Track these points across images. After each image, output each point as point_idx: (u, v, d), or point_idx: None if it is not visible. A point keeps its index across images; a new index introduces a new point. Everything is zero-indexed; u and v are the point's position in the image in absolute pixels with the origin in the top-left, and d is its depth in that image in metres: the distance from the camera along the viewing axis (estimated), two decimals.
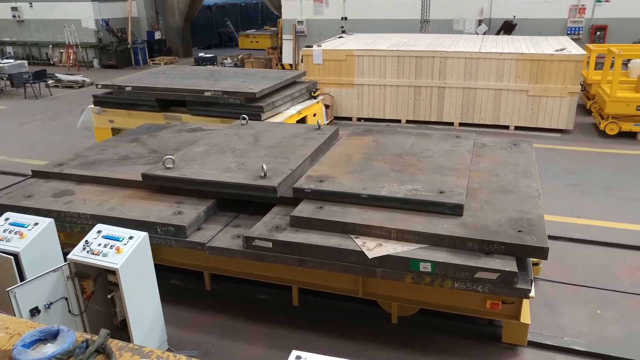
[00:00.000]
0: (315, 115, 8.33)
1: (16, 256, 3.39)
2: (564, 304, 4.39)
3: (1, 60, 16.01)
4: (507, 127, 9.55)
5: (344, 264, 3.68)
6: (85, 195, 4.68)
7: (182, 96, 7.58)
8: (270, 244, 3.82)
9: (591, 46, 10.84)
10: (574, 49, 9.35)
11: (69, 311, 3.44)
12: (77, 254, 3.35)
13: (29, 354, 1.98)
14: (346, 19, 15.38)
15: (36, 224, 3.56)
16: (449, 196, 3.85)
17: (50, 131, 10.43)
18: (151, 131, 6.24)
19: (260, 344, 4.08)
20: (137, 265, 3.40)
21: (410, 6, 14.26)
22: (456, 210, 3.77)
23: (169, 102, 7.87)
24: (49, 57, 19.51)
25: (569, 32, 13.53)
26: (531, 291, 3.39)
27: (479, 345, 3.96)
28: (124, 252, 3.30)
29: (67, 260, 3.37)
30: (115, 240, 3.38)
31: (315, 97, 8.38)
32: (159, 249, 4.57)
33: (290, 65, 16.00)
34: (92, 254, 3.32)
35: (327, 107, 9.73)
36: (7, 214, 3.67)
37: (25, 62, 15.65)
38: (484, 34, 13.45)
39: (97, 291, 3.53)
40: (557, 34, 12.55)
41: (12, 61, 15.19)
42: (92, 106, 8.54)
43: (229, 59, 16.51)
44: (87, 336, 2.41)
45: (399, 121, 10.16)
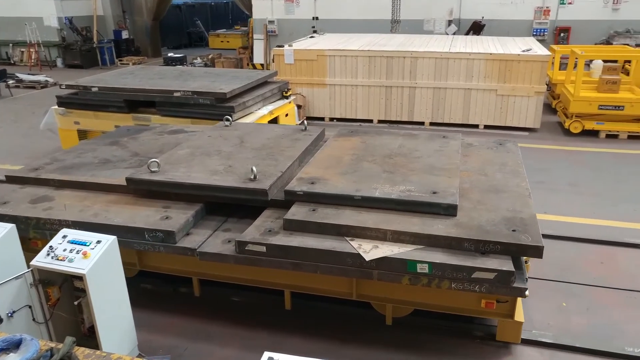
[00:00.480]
0: (287, 115, 8.29)
1: None
2: (531, 298, 4.47)
3: None
4: (476, 126, 9.71)
5: (340, 266, 3.62)
6: (65, 201, 4.49)
7: (151, 97, 7.44)
8: (264, 248, 3.73)
9: (555, 47, 11.12)
10: (539, 50, 9.58)
11: (33, 319, 3.32)
12: (41, 260, 3.23)
13: None
14: (317, 18, 15.39)
15: None
16: (442, 197, 3.85)
17: (11, 133, 10.09)
18: (131, 133, 6.05)
19: (234, 346, 4.03)
20: (106, 270, 3.30)
21: (380, 6, 14.36)
22: (450, 210, 3.77)
23: (137, 103, 7.71)
24: (9, 57, 18.90)
25: (534, 33, 13.87)
26: (527, 290, 3.41)
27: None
28: (91, 256, 3.19)
29: (30, 266, 3.25)
30: (81, 244, 3.27)
31: (287, 97, 8.35)
32: (144, 255, 4.49)
33: (261, 65, 15.92)
34: (57, 259, 3.20)
35: (299, 107, 9.71)
36: None
37: None
38: (454, 34, 13.66)
39: (63, 298, 3.42)
40: (524, 35, 12.84)
41: None
42: (56, 107, 8.31)
43: (199, 59, 16.31)
44: (52, 345, 2.33)
45: (371, 121, 10.21)
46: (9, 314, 3.13)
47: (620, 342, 3.94)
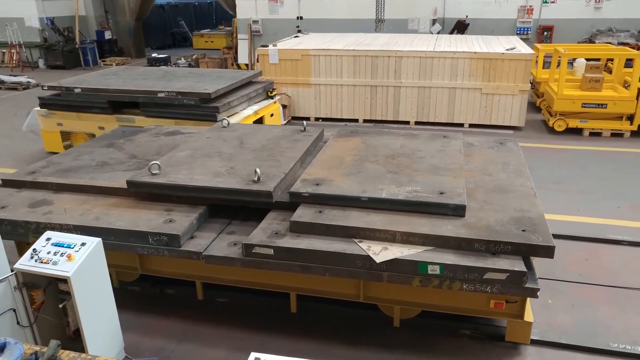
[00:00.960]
0: (272, 115, 8.27)
1: None
2: None
3: None
4: (461, 125, 9.77)
5: (350, 269, 3.58)
6: (64, 204, 4.39)
7: (135, 97, 7.38)
8: (271, 251, 3.67)
9: (539, 46, 11.25)
10: (523, 49, 9.68)
11: (18, 323, 3.27)
12: (25, 263, 3.18)
13: None
14: (302, 18, 15.37)
15: None
16: (450, 197, 3.83)
17: None
18: (127, 135, 5.95)
19: (221, 347, 4.00)
20: (91, 272, 3.26)
21: (365, 6, 14.39)
22: (458, 211, 3.75)
23: (121, 103, 7.64)
24: None
25: (518, 31, 14.01)
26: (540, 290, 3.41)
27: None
28: (76, 259, 3.15)
29: (13, 270, 3.19)
30: (66, 247, 3.22)
31: (272, 97, 8.33)
32: (146, 259, 4.42)
33: (246, 65, 15.86)
34: (41, 262, 3.15)
35: (284, 107, 9.69)
36: None
37: None
38: (438, 33, 13.74)
39: (48, 301, 3.36)
40: (508, 34, 12.97)
41: None
42: (38, 109, 8.20)
43: (183, 59, 16.18)
44: (37, 348, 2.29)
45: (357, 120, 10.22)
46: None
47: (604, 338, 3.99)
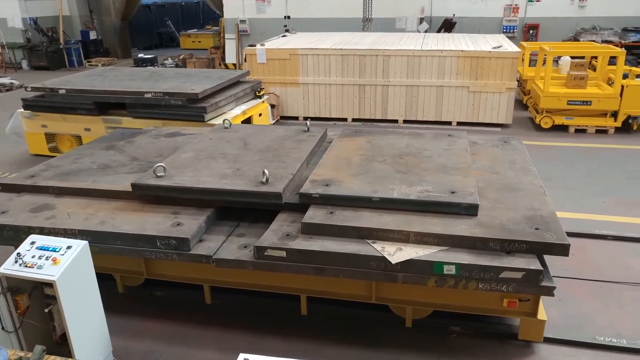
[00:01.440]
0: (260, 115, 8.25)
1: None
2: None
3: None
4: (449, 123, 9.81)
5: (364, 270, 3.55)
6: (67, 208, 4.29)
7: (121, 98, 7.31)
8: (284, 253, 3.62)
9: (525, 44, 11.34)
10: (509, 47, 9.74)
11: (2, 328, 3.21)
12: (9, 267, 3.13)
13: None
14: (289, 17, 15.35)
15: None
16: (461, 196, 3.81)
17: None
18: (126, 137, 5.86)
19: (211, 348, 3.98)
20: (77, 276, 3.21)
21: (352, 5, 14.41)
22: (471, 210, 3.74)
23: (107, 105, 7.57)
24: None
25: (504, 30, 14.12)
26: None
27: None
28: (62, 263, 3.11)
29: None
30: (51, 251, 3.18)
31: (260, 97, 8.30)
32: (152, 263, 4.36)
33: (234, 64, 15.80)
34: (26, 266, 3.11)
35: (272, 106, 9.66)
36: None
37: None
38: (426, 32, 13.79)
39: (33, 305, 3.32)
40: (494, 32, 13.07)
41: None
42: (22, 110, 8.09)
43: (170, 59, 16.07)
44: (21, 354, 2.26)
45: (345, 120, 10.22)
46: None
47: (590, 331, 4.03)
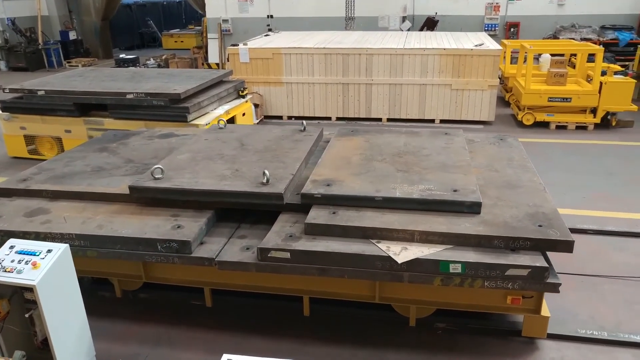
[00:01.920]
0: (244, 114, 8.20)
1: None
2: None
3: None
4: (432, 121, 9.87)
5: (369, 270, 3.54)
6: (63, 212, 4.21)
7: (102, 99, 7.22)
8: (288, 255, 3.59)
9: (506, 42, 11.45)
10: (491, 45, 9.82)
11: None
12: None
13: None
14: (272, 16, 15.29)
15: None
16: (464, 194, 3.82)
17: None
18: (119, 139, 5.77)
19: (196, 350, 3.95)
20: (58, 280, 3.16)
21: (335, 4, 14.40)
22: (474, 208, 3.75)
23: (88, 106, 7.46)
24: None
25: (486, 28, 14.23)
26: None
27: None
28: (42, 267, 3.05)
29: None
30: (31, 255, 3.12)
31: (243, 97, 8.26)
32: (151, 267, 4.29)
33: (217, 64, 15.69)
34: (5, 271, 3.05)
35: (256, 106, 9.62)
36: None
37: None
38: (408, 30, 13.85)
39: (14, 311, 3.26)
40: (476, 30, 13.16)
41: None
42: (0, 112, 7.94)
43: (152, 59, 15.89)
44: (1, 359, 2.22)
45: (329, 118, 10.22)
46: None
47: (573, 325, 4.08)
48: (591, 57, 9.62)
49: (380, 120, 10.07)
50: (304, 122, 5.53)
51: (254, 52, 10.08)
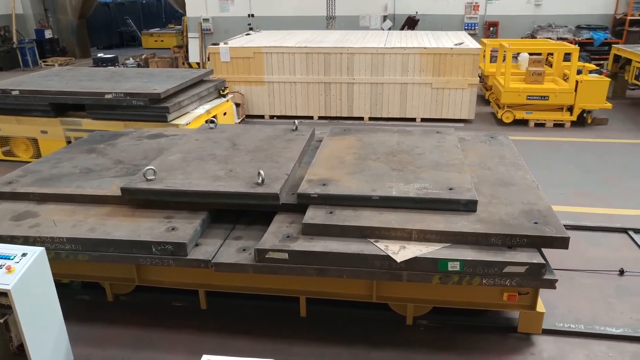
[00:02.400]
0: (225, 114, 8.15)
1: None
2: None
3: None
4: (413, 120, 9.93)
5: (368, 270, 3.52)
6: (52, 215, 4.10)
7: (80, 99, 7.10)
8: (286, 255, 3.56)
9: (486, 41, 11.58)
10: (471, 44, 9.91)
11: None
12: None
13: None
14: (253, 16, 15.22)
15: None
16: (460, 192, 3.83)
17: None
18: (106, 139, 5.66)
19: (178, 352, 3.90)
20: (34, 284, 3.10)
21: (316, 3, 14.40)
22: (470, 206, 3.76)
23: (65, 106, 7.34)
24: None
25: (466, 27, 14.37)
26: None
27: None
28: (16, 271, 2.99)
29: None
30: (5, 258, 3.05)
31: (224, 96, 8.20)
32: (144, 269, 4.19)
33: (197, 64, 15.57)
34: None
35: (237, 105, 9.56)
36: None
37: None
38: (389, 29, 13.91)
39: None
40: (456, 29, 13.27)
41: None
42: None
43: (131, 59, 15.67)
44: None
45: (312, 118, 10.21)
46: None
47: (551, 319, 4.12)
48: (567, 56, 9.78)
49: (362, 119, 10.10)
50: (296, 121, 5.51)
51: (235, 51, 10.02)
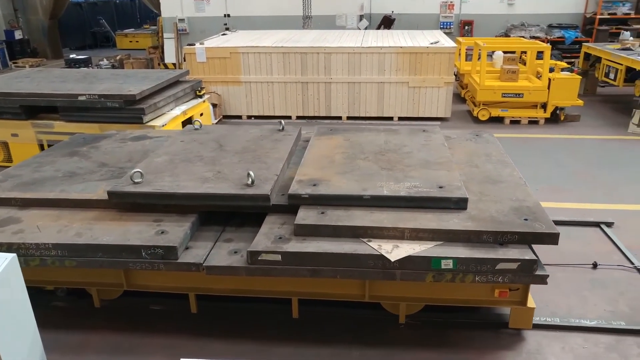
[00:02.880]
0: (202, 114, 8.07)
1: None
2: None
3: None
4: (391, 119, 9.99)
5: (362, 269, 3.51)
6: (36, 221, 3.97)
7: (52, 102, 6.93)
8: (279, 257, 3.52)
9: (461, 39, 11.71)
10: (446, 42, 10.01)
11: None
12: None
13: None
14: (229, 16, 15.12)
15: None
16: (450, 190, 3.84)
17: None
18: (89, 142, 5.52)
19: (157, 355, 3.85)
20: (5, 291, 3.01)
21: (292, 2, 14.38)
22: (461, 204, 3.77)
23: (37, 108, 7.17)
24: None
25: (441, 26, 14.53)
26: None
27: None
28: None
29: None
30: None
31: (201, 96, 8.13)
32: (133, 274, 4.11)
33: (173, 64, 15.40)
34: None
35: (214, 105, 9.48)
36: None
37: None
38: (366, 28, 13.97)
39: None
40: (432, 28, 13.40)
41: None
42: None
43: (105, 60, 15.43)
44: None
45: (290, 117, 10.19)
46: None
47: None
48: (540, 55, 9.95)
49: (340, 118, 10.11)
50: (282, 121, 5.47)
51: (211, 52, 9.93)
